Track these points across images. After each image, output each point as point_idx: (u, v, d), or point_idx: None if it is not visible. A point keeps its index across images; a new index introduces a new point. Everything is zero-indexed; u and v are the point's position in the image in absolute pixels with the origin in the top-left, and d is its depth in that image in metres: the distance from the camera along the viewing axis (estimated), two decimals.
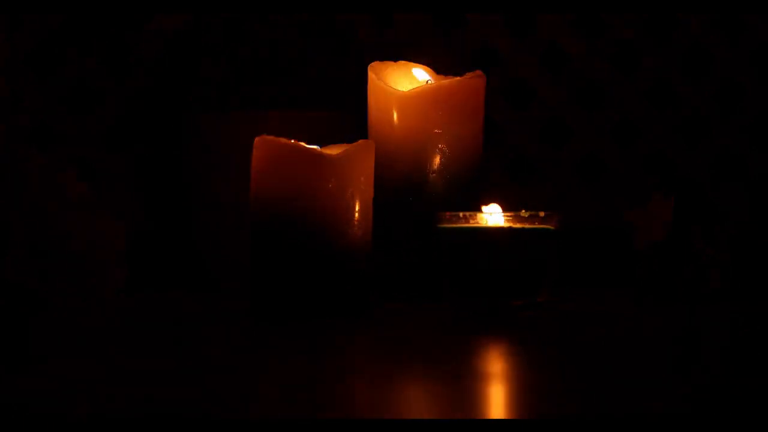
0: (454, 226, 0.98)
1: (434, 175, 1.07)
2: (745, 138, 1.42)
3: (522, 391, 0.65)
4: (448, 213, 0.99)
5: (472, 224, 0.97)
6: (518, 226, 0.96)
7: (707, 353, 0.79)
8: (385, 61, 1.11)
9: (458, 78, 1.09)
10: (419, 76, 1.11)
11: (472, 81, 1.08)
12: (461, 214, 0.98)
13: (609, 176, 1.42)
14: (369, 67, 1.10)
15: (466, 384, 0.67)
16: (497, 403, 0.62)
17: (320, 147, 0.98)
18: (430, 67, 1.12)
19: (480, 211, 0.99)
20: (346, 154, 0.96)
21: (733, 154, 1.42)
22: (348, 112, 1.26)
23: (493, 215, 0.97)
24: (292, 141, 0.95)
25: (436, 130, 1.07)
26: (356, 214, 0.96)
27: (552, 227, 0.97)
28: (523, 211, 0.97)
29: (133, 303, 1.11)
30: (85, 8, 1.35)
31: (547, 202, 1.39)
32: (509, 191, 1.40)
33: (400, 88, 1.08)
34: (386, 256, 1.07)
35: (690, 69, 1.42)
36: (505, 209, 0.98)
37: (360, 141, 0.98)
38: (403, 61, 1.12)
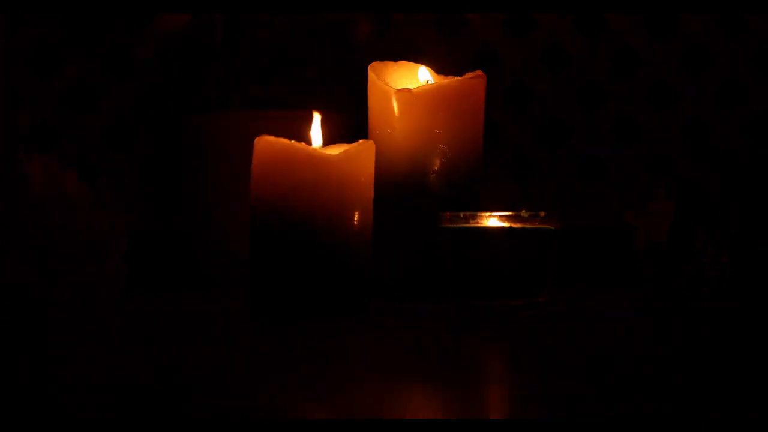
0: (454, 226, 0.98)
1: (434, 175, 1.07)
2: (745, 138, 1.42)
3: (522, 391, 0.65)
4: (448, 213, 0.99)
5: (472, 224, 0.97)
6: (518, 226, 0.96)
7: (707, 353, 0.79)
8: (385, 61, 1.11)
9: (458, 78, 1.09)
10: (422, 75, 1.11)
11: (472, 81, 1.08)
12: (461, 214, 0.98)
13: (609, 176, 1.41)
14: (369, 67, 1.10)
15: (466, 384, 0.67)
16: (497, 403, 0.62)
17: (320, 147, 0.98)
18: (430, 67, 1.12)
19: (480, 210, 0.99)
20: (346, 154, 0.96)
21: (732, 154, 1.42)
22: (348, 112, 1.26)
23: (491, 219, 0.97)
24: (292, 141, 0.95)
25: (436, 130, 1.07)
26: (356, 214, 0.96)
27: (552, 227, 0.97)
28: (523, 211, 0.97)
29: (133, 303, 1.11)
30: (86, 8, 1.36)
31: (547, 202, 1.39)
32: (509, 191, 1.41)
33: (400, 88, 1.08)
34: (386, 256, 1.07)
35: (690, 69, 1.42)
36: (505, 209, 0.98)
37: (360, 141, 0.98)
38: (403, 61, 1.12)
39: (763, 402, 0.61)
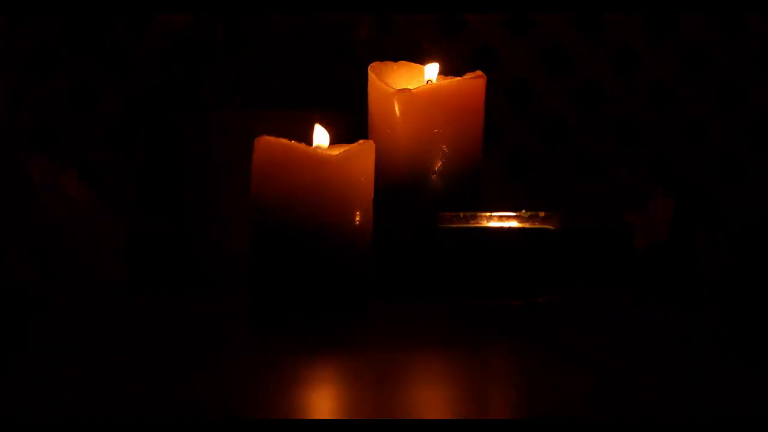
0: (454, 226, 0.98)
1: (434, 175, 1.07)
2: (745, 138, 1.42)
3: (521, 391, 0.65)
4: (448, 213, 0.99)
5: (472, 224, 0.97)
6: (518, 226, 0.96)
7: (707, 353, 0.79)
8: (385, 61, 1.11)
9: (458, 78, 1.09)
10: (428, 73, 1.11)
11: (472, 81, 1.08)
12: (461, 215, 0.98)
13: (609, 176, 1.42)
14: (369, 67, 1.10)
15: (466, 384, 0.67)
16: (497, 403, 0.62)
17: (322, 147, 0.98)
18: None
19: (480, 210, 0.98)
20: (346, 154, 0.96)
21: (733, 154, 1.42)
22: (348, 112, 1.26)
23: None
24: (292, 141, 0.95)
25: (436, 130, 1.07)
26: (356, 214, 0.96)
27: (552, 227, 0.97)
28: (523, 211, 0.97)
29: (133, 303, 1.11)
30: (86, 8, 1.36)
31: (547, 202, 1.39)
32: (509, 191, 1.40)
33: (400, 88, 1.08)
34: (386, 256, 1.07)
35: (690, 69, 1.42)
36: (505, 209, 0.98)
37: (360, 141, 0.98)
38: (403, 61, 1.12)
39: (764, 402, 0.61)
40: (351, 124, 1.22)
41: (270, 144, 0.95)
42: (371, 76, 1.09)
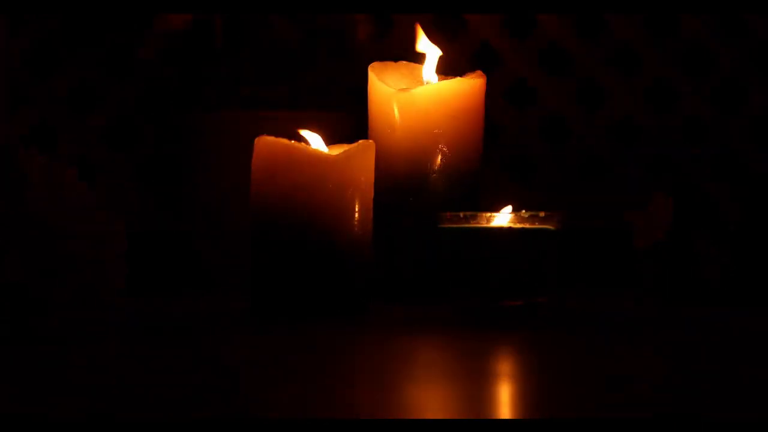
0: (454, 226, 0.98)
1: (434, 175, 1.07)
2: (745, 138, 1.42)
3: (521, 391, 0.65)
4: (448, 213, 0.99)
5: (472, 224, 0.97)
6: (518, 226, 0.96)
7: (708, 354, 0.79)
8: (385, 61, 1.11)
9: (458, 78, 1.09)
10: (426, 74, 1.11)
11: (472, 81, 1.08)
12: (461, 214, 0.98)
13: (609, 176, 1.42)
14: (369, 67, 1.10)
15: (466, 384, 0.67)
16: (497, 403, 0.62)
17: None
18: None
19: (480, 210, 0.98)
20: (346, 154, 0.96)
21: (732, 154, 1.42)
22: (348, 112, 1.26)
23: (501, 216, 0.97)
24: (292, 141, 0.95)
25: (436, 130, 1.07)
26: (356, 214, 0.96)
27: (552, 227, 0.97)
28: (523, 211, 0.97)
29: (133, 303, 1.11)
30: (86, 8, 1.36)
31: (547, 202, 1.39)
32: (509, 191, 1.40)
33: (400, 88, 1.08)
34: (386, 256, 1.07)
35: (690, 69, 1.42)
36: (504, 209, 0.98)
37: (360, 141, 0.98)
38: (403, 61, 1.12)
39: (764, 403, 0.61)
40: (351, 124, 1.22)
41: (270, 144, 0.95)
42: (371, 76, 1.09)
